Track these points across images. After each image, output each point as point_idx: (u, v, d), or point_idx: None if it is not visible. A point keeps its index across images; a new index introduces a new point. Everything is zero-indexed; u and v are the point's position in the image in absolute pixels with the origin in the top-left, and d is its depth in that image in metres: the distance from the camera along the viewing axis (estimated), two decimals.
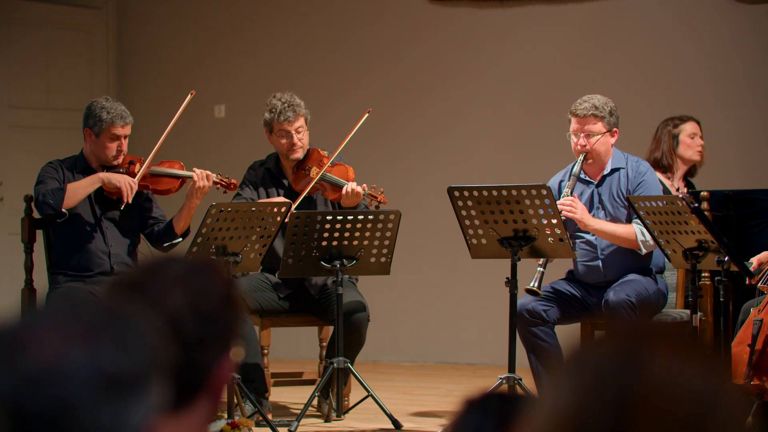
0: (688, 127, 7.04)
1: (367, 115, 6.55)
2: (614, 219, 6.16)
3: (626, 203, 6.11)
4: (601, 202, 6.19)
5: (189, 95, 6.41)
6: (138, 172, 6.26)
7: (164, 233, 6.33)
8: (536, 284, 5.88)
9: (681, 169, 7.03)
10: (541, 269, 5.92)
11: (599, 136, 6.11)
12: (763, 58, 8.16)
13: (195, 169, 6.30)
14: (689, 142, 7.02)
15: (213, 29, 9.40)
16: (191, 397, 1.77)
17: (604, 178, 6.20)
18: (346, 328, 6.19)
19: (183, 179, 6.38)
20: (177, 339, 1.73)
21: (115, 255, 6.27)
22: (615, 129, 6.16)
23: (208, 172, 6.26)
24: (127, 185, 6.12)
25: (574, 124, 6.15)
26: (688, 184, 7.07)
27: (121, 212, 6.24)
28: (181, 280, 1.83)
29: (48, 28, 9.22)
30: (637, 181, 6.14)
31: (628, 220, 6.13)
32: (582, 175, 6.21)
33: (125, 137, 6.24)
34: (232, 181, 6.42)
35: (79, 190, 6.12)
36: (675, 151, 7.01)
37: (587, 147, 6.11)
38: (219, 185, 6.39)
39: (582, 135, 6.12)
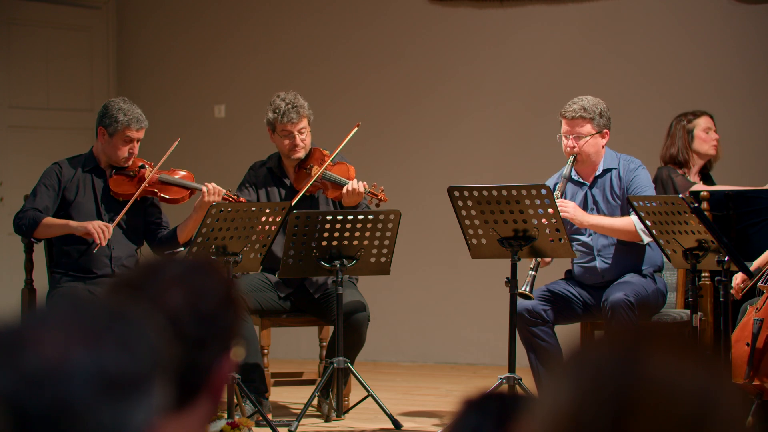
0: (702, 122, 7.03)
1: (356, 128, 6.52)
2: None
3: (620, 203, 6.12)
4: (595, 203, 6.19)
5: (176, 141, 6.39)
6: (147, 176, 6.28)
7: (167, 240, 6.34)
8: (528, 288, 5.86)
9: (697, 164, 7.02)
10: (533, 273, 5.90)
11: (588, 138, 6.11)
12: (764, 59, 8.16)
13: (206, 183, 6.29)
14: (704, 136, 7.00)
15: (213, 29, 9.39)
16: (191, 397, 1.77)
17: (596, 179, 6.20)
18: (346, 328, 6.19)
19: (193, 191, 6.39)
20: (177, 339, 1.73)
21: (117, 258, 6.26)
22: (605, 130, 6.15)
23: (220, 188, 6.25)
24: (99, 229, 6.09)
25: (563, 126, 6.16)
26: (705, 177, 7.05)
27: (89, 247, 6.18)
28: (180, 280, 1.83)
29: (48, 28, 9.21)
30: (629, 179, 6.15)
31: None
32: (575, 176, 6.21)
33: (138, 141, 6.27)
34: (241, 199, 6.39)
35: (50, 229, 6.15)
36: (690, 146, 6.99)
37: (576, 149, 6.11)
38: (228, 201, 6.36)
39: (571, 137, 6.12)
